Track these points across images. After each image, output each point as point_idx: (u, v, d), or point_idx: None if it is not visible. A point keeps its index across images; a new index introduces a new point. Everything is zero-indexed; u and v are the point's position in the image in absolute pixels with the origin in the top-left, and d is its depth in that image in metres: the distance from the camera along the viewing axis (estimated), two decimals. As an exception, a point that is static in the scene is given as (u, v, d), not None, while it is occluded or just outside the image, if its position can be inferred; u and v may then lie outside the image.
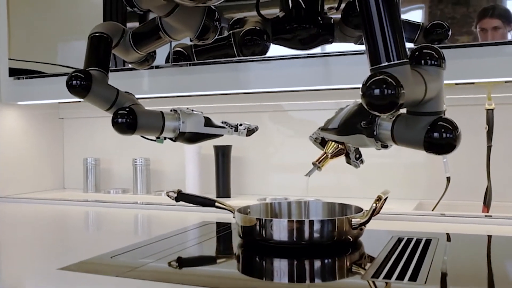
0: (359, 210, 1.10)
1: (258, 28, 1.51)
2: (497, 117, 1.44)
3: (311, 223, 1.00)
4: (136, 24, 1.63)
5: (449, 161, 1.50)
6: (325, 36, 1.52)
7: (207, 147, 1.81)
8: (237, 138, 1.83)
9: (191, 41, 1.19)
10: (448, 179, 1.50)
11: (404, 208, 1.48)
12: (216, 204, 1.19)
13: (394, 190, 1.67)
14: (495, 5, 1.33)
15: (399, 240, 1.09)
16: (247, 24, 1.56)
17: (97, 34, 1.18)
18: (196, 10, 1.13)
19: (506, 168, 1.54)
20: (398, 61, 0.81)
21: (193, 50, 1.59)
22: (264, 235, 1.02)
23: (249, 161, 1.87)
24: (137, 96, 1.21)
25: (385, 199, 1.04)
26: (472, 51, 1.31)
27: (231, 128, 1.27)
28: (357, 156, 1.09)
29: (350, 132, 1.00)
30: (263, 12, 1.54)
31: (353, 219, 1.02)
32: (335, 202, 1.20)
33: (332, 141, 1.09)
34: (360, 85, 0.80)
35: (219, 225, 1.31)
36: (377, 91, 0.76)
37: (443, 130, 0.84)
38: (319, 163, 1.09)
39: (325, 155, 1.09)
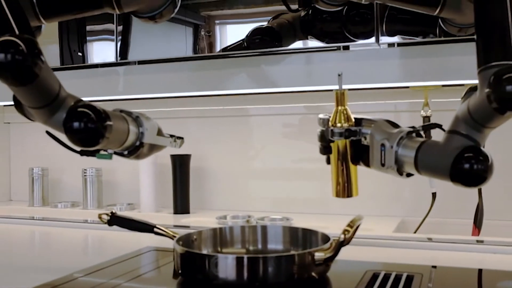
0: (325, 239, 0.90)
1: (268, 26, 1.29)
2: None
3: (265, 260, 0.80)
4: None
5: (435, 175, 1.30)
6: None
7: (164, 156, 1.60)
8: (197, 146, 1.64)
9: (137, 16, 0.93)
10: (434, 195, 1.31)
11: (384, 229, 1.29)
12: (155, 229, 0.99)
13: (374, 205, 1.50)
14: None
15: (375, 276, 0.89)
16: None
17: None
18: None
19: (500, 181, 1.34)
20: None
21: None
22: (207, 274, 0.82)
23: (210, 171, 1.66)
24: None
25: (357, 228, 0.84)
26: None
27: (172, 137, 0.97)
28: None
29: None
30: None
31: (316, 253, 0.82)
32: (298, 227, 1.00)
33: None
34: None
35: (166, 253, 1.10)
36: None
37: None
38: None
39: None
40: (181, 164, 1.57)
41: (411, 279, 0.87)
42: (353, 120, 0.88)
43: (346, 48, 1.16)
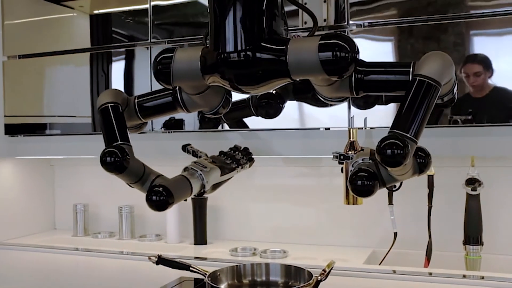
0: (310, 275, 1.31)
1: (273, 92, 1.61)
2: (436, 181, 1.65)
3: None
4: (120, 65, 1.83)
5: (396, 219, 1.71)
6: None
7: (186, 197, 2.00)
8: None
9: (203, 114, 1.29)
10: (395, 234, 1.71)
11: (357, 258, 1.68)
12: (191, 268, 1.39)
13: (352, 237, 1.90)
14: (478, 54, 1.40)
15: (344, 302, 1.30)
16: None
17: (112, 104, 1.18)
18: (222, 89, 1.21)
19: (444, 223, 1.75)
20: None
21: None
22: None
23: (224, 208, 2.07)
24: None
25: (331, 270, 1.25)
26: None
27: (239, 167, 1.43)
28: None
29: None
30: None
31: (302, 289, 1.23)
32: (291, 264, 1.40)
33: None
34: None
35: (196, 281, 1.52)
36: None
37: None
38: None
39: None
40: (200, 205, 1.98)
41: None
42: (359, 148, 1.27)
43: (327, 128, 1.57)
